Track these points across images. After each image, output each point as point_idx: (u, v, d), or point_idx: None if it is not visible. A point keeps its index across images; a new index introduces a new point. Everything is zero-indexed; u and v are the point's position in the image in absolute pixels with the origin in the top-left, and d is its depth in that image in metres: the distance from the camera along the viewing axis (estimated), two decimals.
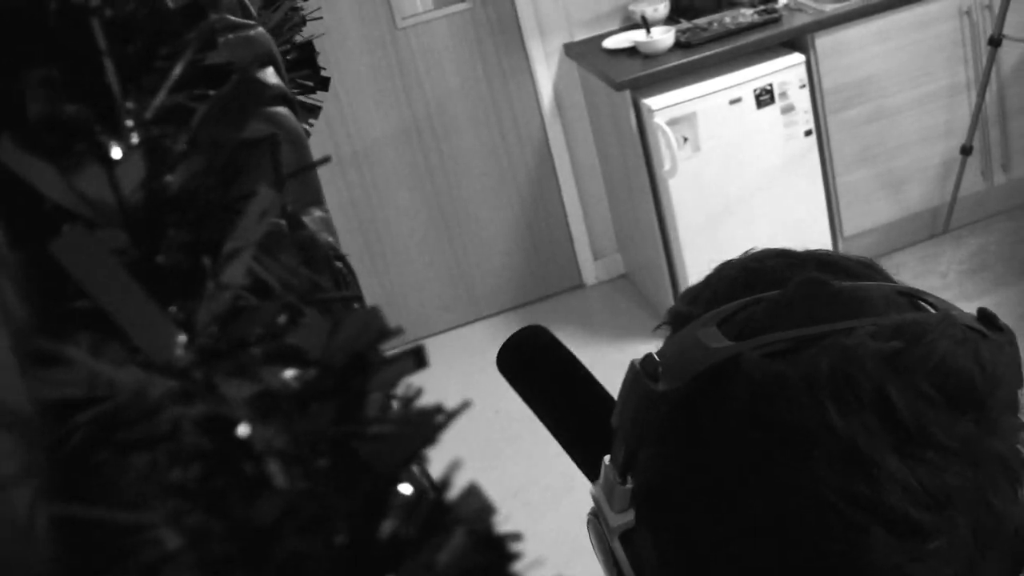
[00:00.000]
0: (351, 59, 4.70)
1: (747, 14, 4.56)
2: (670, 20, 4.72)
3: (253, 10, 0.77)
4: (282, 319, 0.46)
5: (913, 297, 0.76)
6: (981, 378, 0.69)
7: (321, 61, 4.61)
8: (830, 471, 0.66)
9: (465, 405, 0.47)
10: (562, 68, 4.88)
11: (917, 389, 0.67)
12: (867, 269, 0.81)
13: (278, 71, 0.74)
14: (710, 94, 4.31)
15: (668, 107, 4.27)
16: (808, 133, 4.45)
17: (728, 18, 4.56)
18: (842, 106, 4.51)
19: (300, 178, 0.70)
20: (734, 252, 0.83)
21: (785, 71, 4.38)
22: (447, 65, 4.82)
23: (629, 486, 0.75)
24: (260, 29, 0.74)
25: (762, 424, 0.69)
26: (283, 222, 0.71)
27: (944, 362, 0.68)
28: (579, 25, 4.87)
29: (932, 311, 0.75)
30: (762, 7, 4.59)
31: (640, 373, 0.73)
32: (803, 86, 4.40)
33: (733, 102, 4.34)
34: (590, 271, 5.22)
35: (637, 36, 4.54)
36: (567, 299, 5.16)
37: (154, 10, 0.65)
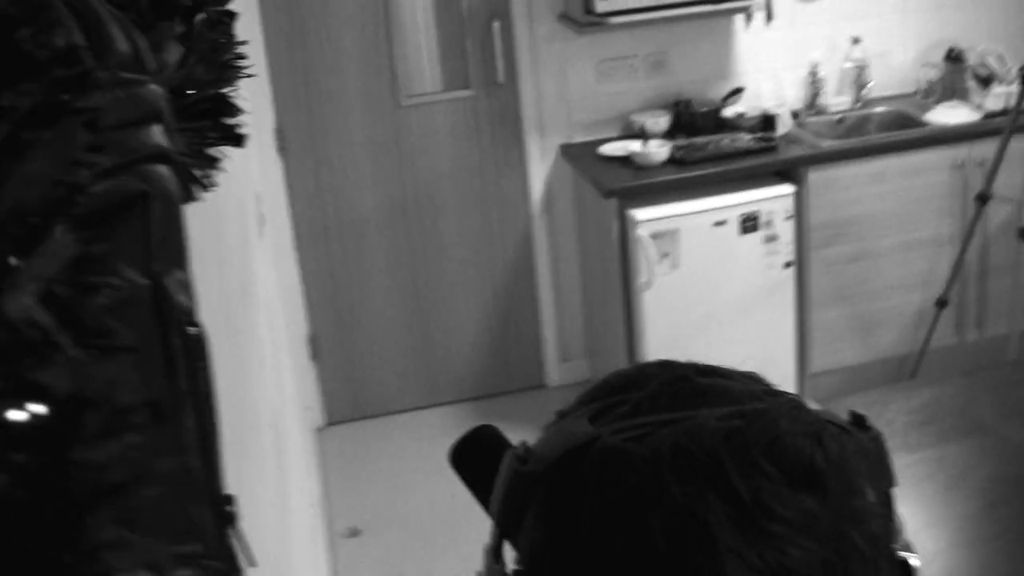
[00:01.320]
0: (351, 130, 4.72)
1: (745, 139, 4.60)
2: (669, 135, 4.75)
3: (152, 62, 0.76)
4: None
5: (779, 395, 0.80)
6: (822, 459, 0.72)
7: (320, 129, 4.62)
8: (667, 540, 0.69)
9: None
10: (556, 167, 4.90)
11: (754, 464, 0.70)
12: (747, 378, 0.84)
13: (167, 129, 0.73)
14: (696, 213, 4.33)
15: (653, 220, 4.29)
16: (788, 265, 4.46)
17: (726, 140, 4.60)
18: (826, 242, 4.53)
19: (165, 238, 0.69)
20: None
21: (774, 200, 4.40)
22: (444, 149, 4.85)
23: (503, 567, 0.78)
24: (152, 86, 0.73)
25: (607, 497, 0.72)
26: (145, 281, 0.69)
27: (781, 440, 0.72)
28: (579, 127, 4.90)
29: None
30: (761, 134, 4.63)
31: (512, 458, 0.78)
32: (789, 217, 4.42)
33: (718, 224, 4.35)
34: (555, 372, 5.19)
35: (633, 146, 4.57)
36: (528, 397, 5.12)
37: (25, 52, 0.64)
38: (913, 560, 0.78)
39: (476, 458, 0.89)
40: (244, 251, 2.77)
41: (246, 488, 1.81)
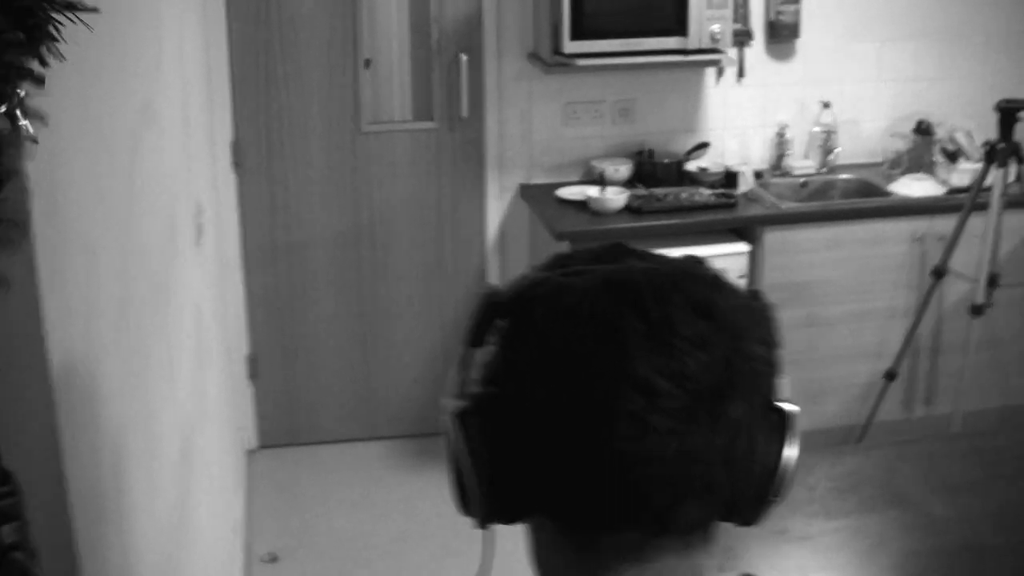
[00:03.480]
0: (310, 152, 4.65)
1: (704, 193, 4.55)
2: (629, 183, 4.70)
3: None
4: None
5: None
6: (720, 299, 1.01)
7: (278, 147, 4.55)
8: (592, 344, 0.96)
9: None
10: (513, 207, 4.84)
11: (665, 294, 0.98)
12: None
13: None
14: None
15: None
16: None
17: (685, 194, 4.54)
18: (778, 305, 4.44)
19: None
20: None
21: (727, 258, 4.33)
22: (402, 179, 4.77)
23: (468, 374, 1.06)
24: None
25: (549, 316, 0.99)
26: None
27: (689, 280, 1.01)
28: (540, 169, 4.84)
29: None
30: (722, 191, 4.58)
31: (483, 294, 1.05)
32: (742, 276, 4.35)
33: None
34: None
35: (591, 191, 4.51)
36: None
37: None
38: (789, 407, 1.07)
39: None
40: (166, 255, 2.68)
41: (125, 496, 1.72)
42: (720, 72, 4.87)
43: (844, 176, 4.91)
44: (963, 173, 4.64)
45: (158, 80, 2.62)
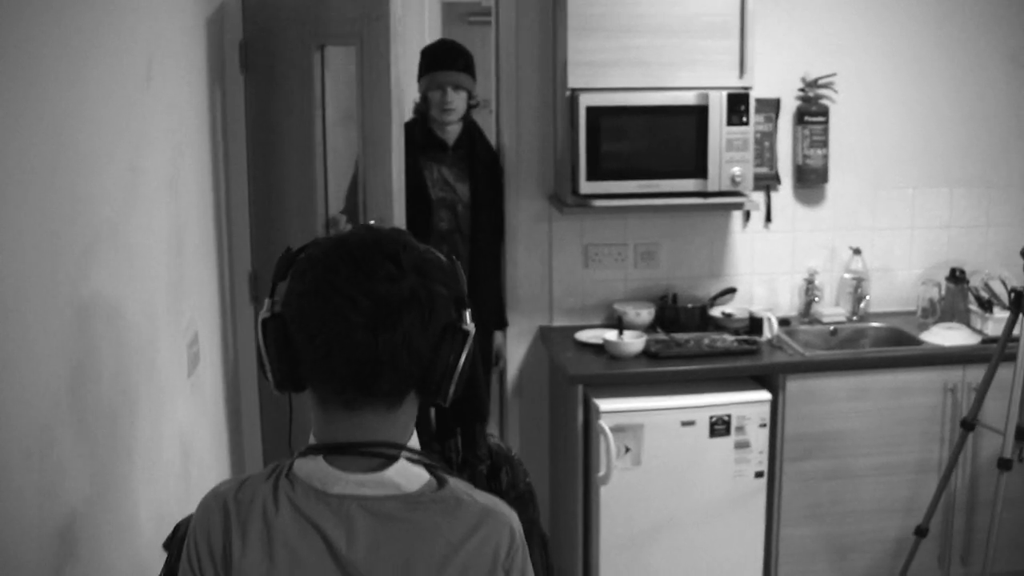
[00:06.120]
0: None
1: (727, 340, 4.43)
2: (652, 327, 4.60)
3: None
4: None
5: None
6: (403, 249, 1.61)
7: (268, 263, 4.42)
8: (318, 282, 1.59)
9: None
10: (533, 348, 4.75)
11: (366, 249, 1.60)
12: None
13: None
14: (663, 409, 4.13)
15: (616, 412, 4.09)
16: (759, 475, 4.22)
17: (707, 339, 4.43)
18: (801, 455, 4.30)
19: None
20: None
21: (748, 405, 4.19)
22: None
23: (271, 301, 1.68)
24: None
25: (301, 267, 1.63)
26: None
27: (382, 239, 1.63)
28: (561, 311, 4.77)
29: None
30: (745, 337, 4.46)
31: (283, 252, 1.69)
32: (763, 425, 4.20)
33: (686, 424, 4.14)
34: None
35: (608, 335, 4.41)
36: None
37: None
38: (467, 327, 1.65)
39: None
40: (152, 383, 2.61)
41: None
42: (747, 216, 4.79)
43: (875, 324, 4.77)
44: (998, 322, 4.47)
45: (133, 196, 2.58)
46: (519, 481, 1.82)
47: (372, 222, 2.50)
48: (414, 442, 1.67)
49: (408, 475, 1.61)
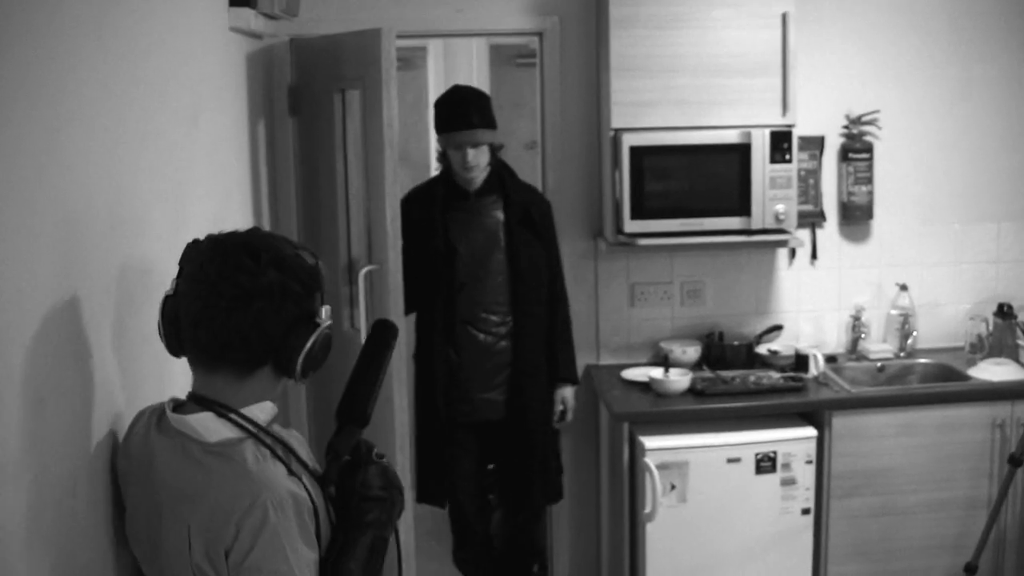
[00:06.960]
0: None
1: (773, 377, 4.44)
2: (698, 365, 4.61)
3: None
4: None
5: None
6: (266, 250, 1.96)
7: None
8: (207, 271, 1.94)
9: None
10: (582, 387, 4.75)
11: (231, 245, 1.97)
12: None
13: None
14: (709, 447, 4.15)
15: (662, 449, 4.11)
16: (806, 512, 4.22)
17: (753, 377, 4.44)
18: (848, 493, 4.29)
19: None
20: None
21: (794, 442, 4.20)
22: None
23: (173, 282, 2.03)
24: None
25: (192, 255, 2.00)
26: None
27: (249, 237, 2.01)
28: (608, 349, 4.80)
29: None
30: (791, 374, 4.46)
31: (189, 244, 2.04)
32: (810, 462, 4.20)
33: (731, 461, 4.15)
34: None
35: (655, 372, 4.44)
36: None
37: None
38: (322, 320, 2.02)
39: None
40: None
41: None
42: (792, 253, 4.81)
43: (923, 360, 4.76)
44: None
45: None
46: (372, 486, 2.01)
47: (256, 227, 3.09)
48: (265, 414, 2.01)
49: (207, 427, 1.95)
